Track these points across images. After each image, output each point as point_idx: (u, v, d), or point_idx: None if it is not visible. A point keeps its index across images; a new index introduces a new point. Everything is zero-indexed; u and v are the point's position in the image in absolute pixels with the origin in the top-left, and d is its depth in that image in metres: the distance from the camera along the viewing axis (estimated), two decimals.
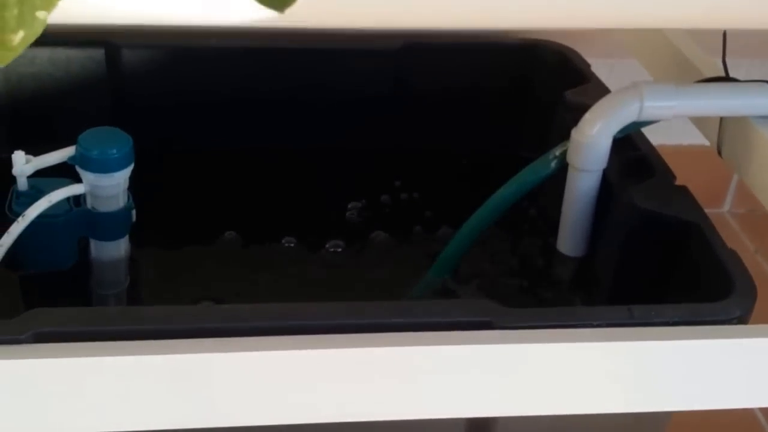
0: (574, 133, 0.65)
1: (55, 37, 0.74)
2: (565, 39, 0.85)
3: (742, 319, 0.52)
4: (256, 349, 0.47)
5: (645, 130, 0.69)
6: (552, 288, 0.72)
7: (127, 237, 0.67)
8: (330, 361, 0.48)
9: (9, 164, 0.63)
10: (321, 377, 0.48)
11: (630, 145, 0.68)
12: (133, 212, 0.66)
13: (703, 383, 0.51)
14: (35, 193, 0.62)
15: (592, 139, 0.64)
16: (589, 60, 0.82)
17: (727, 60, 0.68)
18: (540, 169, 0.69)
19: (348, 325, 0.49)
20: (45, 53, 0.76)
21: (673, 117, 0.63)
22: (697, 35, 0.74)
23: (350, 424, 0.50)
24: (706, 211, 0.61)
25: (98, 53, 0.76)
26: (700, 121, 0.70)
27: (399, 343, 0.48)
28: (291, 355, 0.47)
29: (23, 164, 0.62)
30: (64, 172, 0.64)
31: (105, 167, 0.61)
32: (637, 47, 0.81)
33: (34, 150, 0.64)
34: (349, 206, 0.83)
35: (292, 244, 0.78)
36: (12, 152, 0.62)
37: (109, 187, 0.63)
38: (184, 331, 0.46)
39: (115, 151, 0.61)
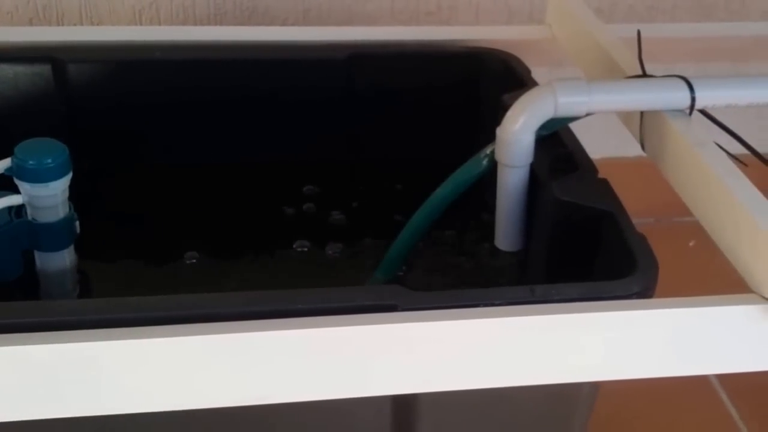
0: (499, 131, 0.67)
1: (1, 54, 0.78)
2: (512, 48, 0.87)
3: (643, 295, 0.54)
4: (168, 336, 0.49)
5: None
6: (495, 283, 0.74)
7: (72, 248, 0.69)
8: (243, 345, 0.50)
9: None
10: (236, 362, 0.50)
11: (557, 142, 0.70)
12: (77, 223, 0.68)
13: (603, 354, 0.53)
14: None
15: (515, 136, 0.67)
16: (537, 68, 0.84)
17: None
18: (472, 168, 0.71)
19: (260, 312, 0.51)
20: None
21: (589, 113, 0.65)
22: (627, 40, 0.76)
23: (275, 406, 0.53)
24: (684, 220, 0.62)
25: (45, 69, 0.79)
26: (625, 118, 0.72)
27: (307, 326, 0.50)
28: (203, 341, 0.49)
29: None
30: (10, 186, 0.66)
31: (41, 177, 0.64)
32: (575, 52, 0.84)
33: None
34: (305, 208, 0.85)
35: (245, 260, 0.80)
36: None
37: (47, 197, 0.65)
38: (90, 322, 0.49)
39: (50, 160, 0.64)
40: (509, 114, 0.67)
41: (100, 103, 0.81)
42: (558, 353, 0.53)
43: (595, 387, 0.62)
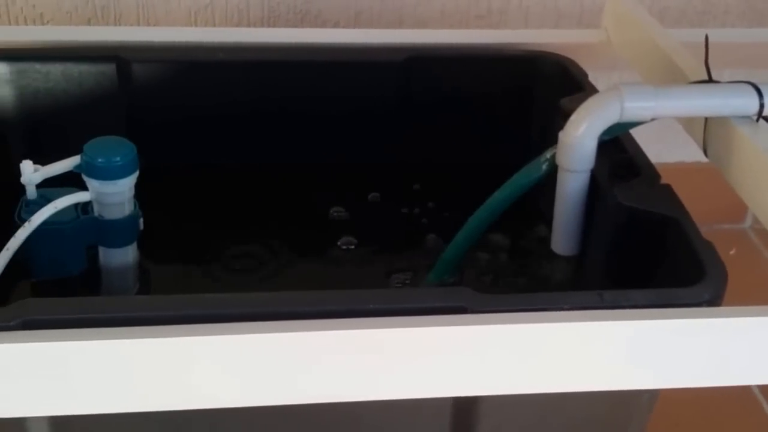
0: (561, 136, 0.67)
1: (67, 53, 0.79)
2: (568, 50, 0.87)
3: (712, 303, 0.54)
4: (243, 333, 0.49)
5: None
6: (549, 287, 0.74)
7: (135, 244, 0.69)
8: (315, 344, 0.50)
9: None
10: (306, 361, 0.50)
11: (618, 148, 0.70)
12: (141, 220, 0.69)
13: (670, 362, 0.53)
14: (44, 201, 0.65)
15: (578, 140, 0.67)
16: (593, 71, 0.84)
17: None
18: (532, 172, 0.71)
19: (333, 311, 0.51)
20: (58, 69, 0.79)
21: (654, 118, 0.65)
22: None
23: (339, 405, 0.53)
24: (723, 227, 0.62)
25: (110, 68, 0.80)
26: (687, 124, 0.71)
27: (379, 326, 0.51)
28: (278, 339, 0.50)
29: (31, 173, 0.65)
30: (76, 183, 0.67)
31: (109, 174, 0.65)
32: (632, 57, 0.83)
33: (50, 162, 0.67)
34: (359, 208, 0.86)
35: (298, 260, 0.80)
36: None
37: (114, 194, 0.66)
38: (166, 318, 0.49)
39: (119, 158, 0.65)
40: (573, 118, 0.67)
41: (161, 103, 0.82)
42: (624, 359, 0.53)
43: (654, 394, 0.62)
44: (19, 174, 0.67)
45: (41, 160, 0.67)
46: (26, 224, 0.63)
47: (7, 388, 0.48)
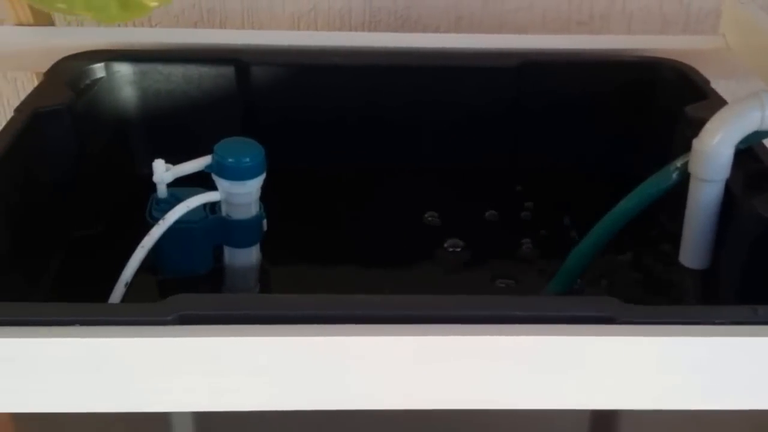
0: (696, 143, 0.66)
1: (188, 55, 0.80)
2: (684, 57, 0.85)
3: None
4: (388, 335, 0.49)
5: None
6: (676, 301, 0.72)
7: (258, 245, 0.70)
8: (456, 349, 0.49)
9: (148, 176, 0.67)
10: (446, 365, 0.50)
11: (753, 157, 0.68)
12: (264, 221, 0.69)
13: None
14: (173, 200, 0.66)
15: (714, 149, 0.65)
16: (711, 79, 0.83)
17: None
18: (661, 181, 0.69)
19: (475, 316, 0.50)
20: (179, 71, 0.80)
21: None
22: None
23: (475, 412, 0.53)
24: None
25: (229, 71, 0.81)
26: None
27: (525, 333, 0.50)
28: (418, 342, 0.49)
29: (163, 172, 0.65)
30: (199, 183, 0.67)
31: (239, 175, 0.65)
32: (755, 63, 0.81)
33: (169, 161, 0.67)
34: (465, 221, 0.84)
35: (409, 261, 0.79)
36: (150, 163, 0.66)
37: (243, 195, 0.66)
38: (314, 317, 0.49)
39: (248, 159, 0.65)
40: (709, 125, 0.65)
41: (277, 105, 0.82)
42: None
43: None
44: (139, 172, 0.67)
45: (163, 157, 0.67)
46: (160, 222, 0.63)
47: (156, 382, 0.49)
